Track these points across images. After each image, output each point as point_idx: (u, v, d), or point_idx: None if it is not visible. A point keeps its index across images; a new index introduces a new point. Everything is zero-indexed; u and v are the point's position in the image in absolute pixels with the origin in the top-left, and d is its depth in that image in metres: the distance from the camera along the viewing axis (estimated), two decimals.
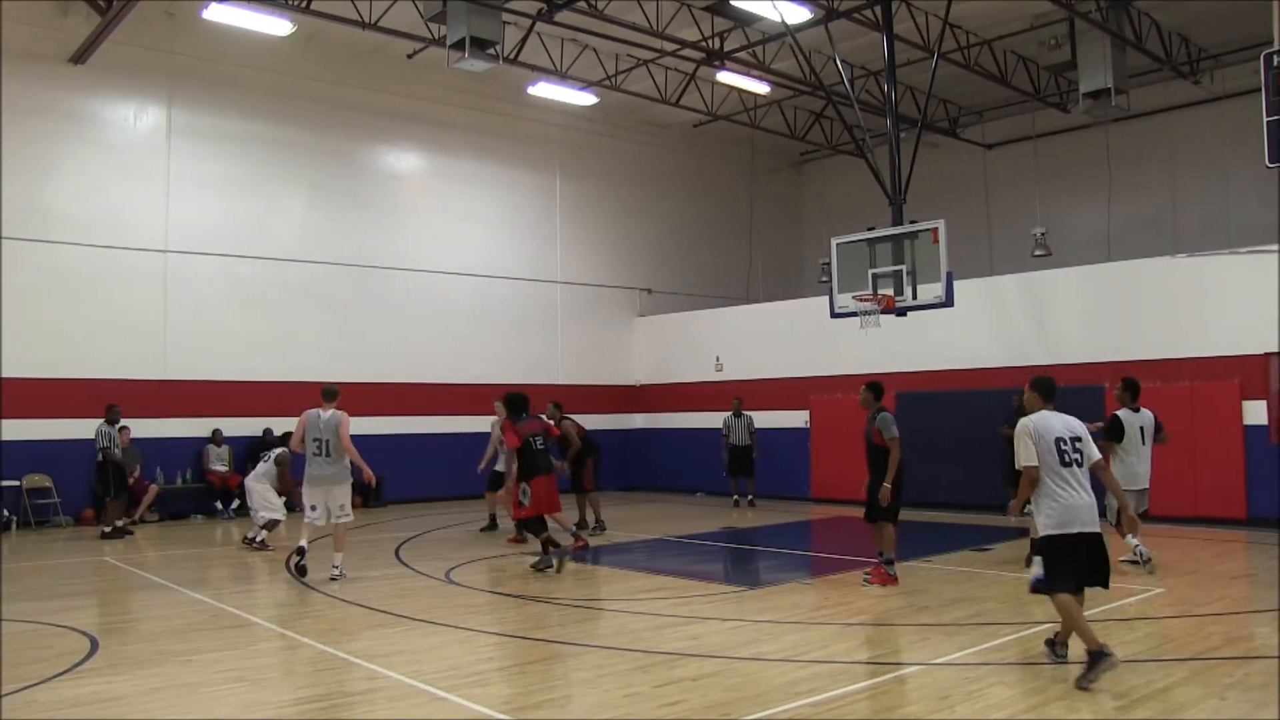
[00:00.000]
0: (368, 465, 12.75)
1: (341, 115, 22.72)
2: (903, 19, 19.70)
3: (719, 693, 7.25)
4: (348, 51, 22.04)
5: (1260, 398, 17.01)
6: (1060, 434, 7.69)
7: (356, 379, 21.11)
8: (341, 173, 22.77)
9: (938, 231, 16.69)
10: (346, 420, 12.53)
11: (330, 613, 10.59)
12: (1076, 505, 7.57)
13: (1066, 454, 7.64)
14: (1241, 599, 11.10)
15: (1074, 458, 7.65)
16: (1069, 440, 7.68)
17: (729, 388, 23.89)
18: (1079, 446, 7.69)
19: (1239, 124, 20.03)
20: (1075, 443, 7.69)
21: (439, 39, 19.07)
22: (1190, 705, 6.77)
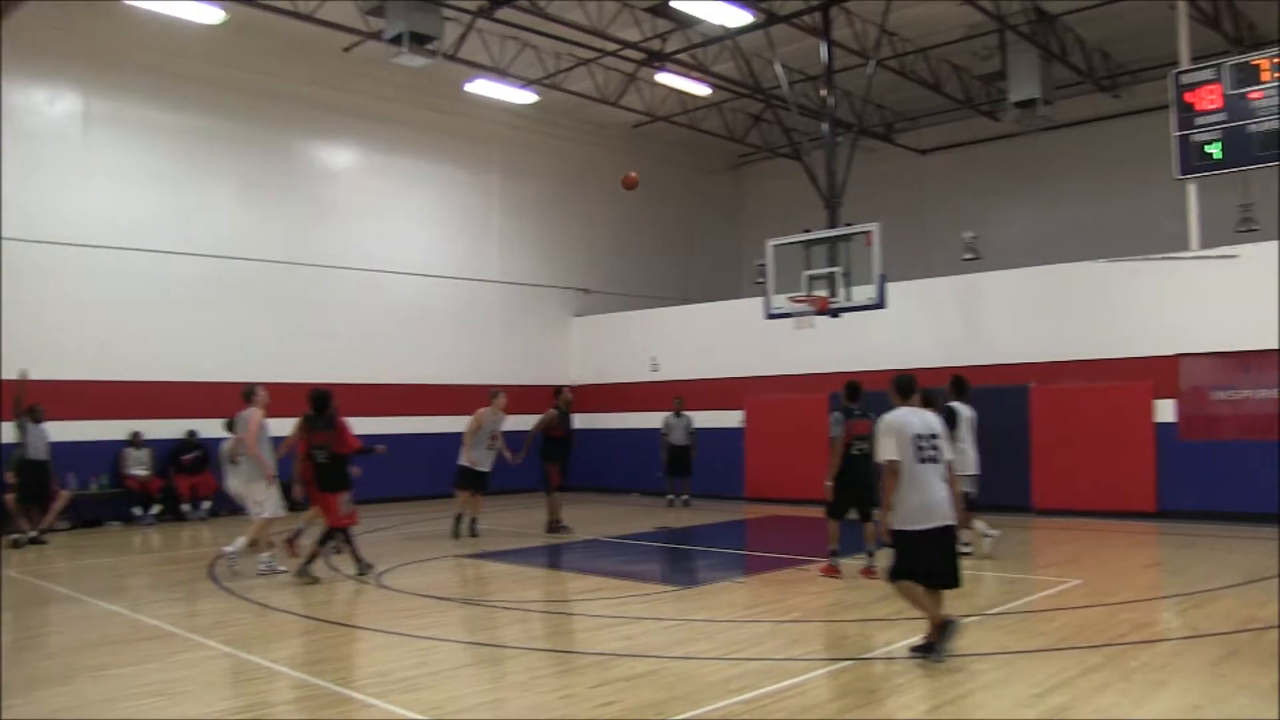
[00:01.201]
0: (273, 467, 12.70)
1: (276, 108, 22.19)
2: (841, 25, 20.13)
3: (653, 692, 7.38)
4: (283, 43, 21.36)
5: (1171, 397, 17.68)
6: (919, 431, 8.08)
7: (288, 379, 20.58)
8: (275, 168, 22.26)
9: (872, 235, 17.08)
10: (255, 420, 12.47)
11: (256, 620, 10.29)
12: (934, 501, 8.00)
13: (924, 450, 8.03)
14: (1151, 587, 11.66)
15: (931, 454, 8.05)
16: (926, 437, 8.07)
17: (665, 388, 24.16)
18: (935, 444, 8.10)
19: (1155, 137, 20.65)
20: (932, 440, 8.09)
21: (377, 33, 18.89)
22: (1100, 690, 7.19)
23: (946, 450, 8.20)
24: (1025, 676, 7.57)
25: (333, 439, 12.42)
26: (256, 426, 12.56)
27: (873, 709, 7.01)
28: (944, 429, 8.39)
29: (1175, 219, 18.74)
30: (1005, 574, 12.46)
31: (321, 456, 12.39)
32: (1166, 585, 11.88)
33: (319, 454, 12.41)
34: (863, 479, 12.09)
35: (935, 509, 8.01)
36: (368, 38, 19.84)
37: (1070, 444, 18.39)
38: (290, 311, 22.14)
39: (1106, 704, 6.88)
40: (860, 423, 12.17)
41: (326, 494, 12.34)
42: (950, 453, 8.27)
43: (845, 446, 12.17)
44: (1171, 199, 19.20)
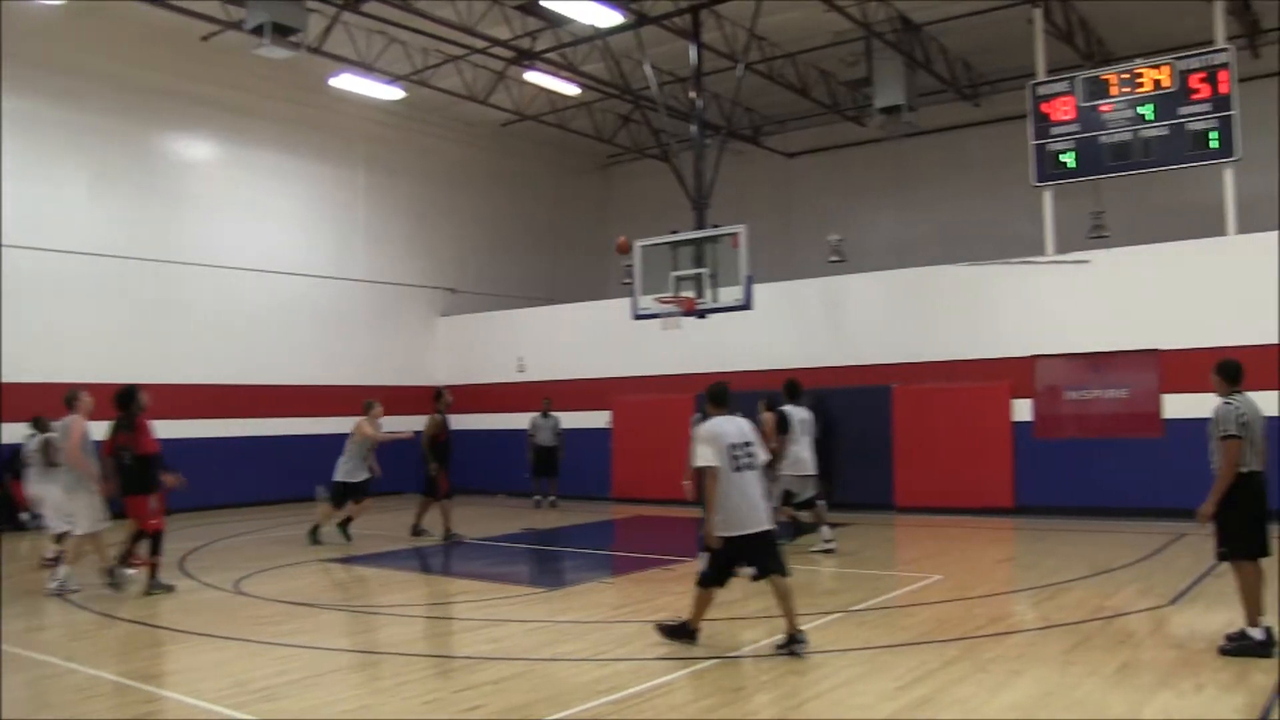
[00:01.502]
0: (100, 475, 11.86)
1: (131, 98, 21.24)
2: (711, 28, 20.28)
3: (520, 695, 7.35)
4: (136, 29, 20.47)
5: (1027, 396, 18.22)
6: (734, 439, 8.30)
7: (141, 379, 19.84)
8: (131, 160, 21.31)
9: (738, 236, 17.24)
10: (77, 428, 11.70)
11: (103, 633, 9.87)
12: (750, 508, 8.24)
13: (740, 458, 8.26)
14: (1006, 581, 12.01)
15: (746, 461, 8.28)
16: (741, 445, 8.29)
17: (532, 388, 24.07)
18: (750, 450, 8.32)
19: (1013, 145, 21.31)
20: (747, 447, 8.32)
21: (238, 23, 18.27)
22: (959, 681, 7.38)
23: (762, 455, 8.44)
24: (887, 671, 7.72)
25: (133, 440, 11.81)
26: (79, 435, 11.75)
27: (739, 707, 7.07)
28: (757, 434, 8.62)
29: (1032, 224, 19.32)
30: (868, 571, 12.70)
31: (126, 458, 11.79)
32: (1021, 579, 12.24)
33: (124, 455, 11.80)
34: None
35: (755, 514, 8.26)
36: (228, 27, 19.21)
37: (931, 443, 18.81)
38: (146, 310, 21.24)
39: (965, 694, 7.06)
40: None
41: (133, 497, 11.83)
42: (765, 456, 8.51)
43: None
44: (1028, 205, 19.79)
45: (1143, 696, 6.91)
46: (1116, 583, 11.23)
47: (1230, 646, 7.91)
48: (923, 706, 6.82)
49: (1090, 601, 10.20)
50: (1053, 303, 18.07)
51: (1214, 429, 8.04)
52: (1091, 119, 18.29)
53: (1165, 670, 7.52)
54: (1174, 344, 16.80)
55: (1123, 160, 18.05)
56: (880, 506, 18.89)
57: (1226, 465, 7.90)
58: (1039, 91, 18.82)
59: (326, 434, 23.85)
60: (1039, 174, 18.74)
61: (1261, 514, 8.04)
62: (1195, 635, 8.59)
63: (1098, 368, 17.69)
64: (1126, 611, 9.70)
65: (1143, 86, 17.79)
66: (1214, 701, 6.79)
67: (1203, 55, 17.40)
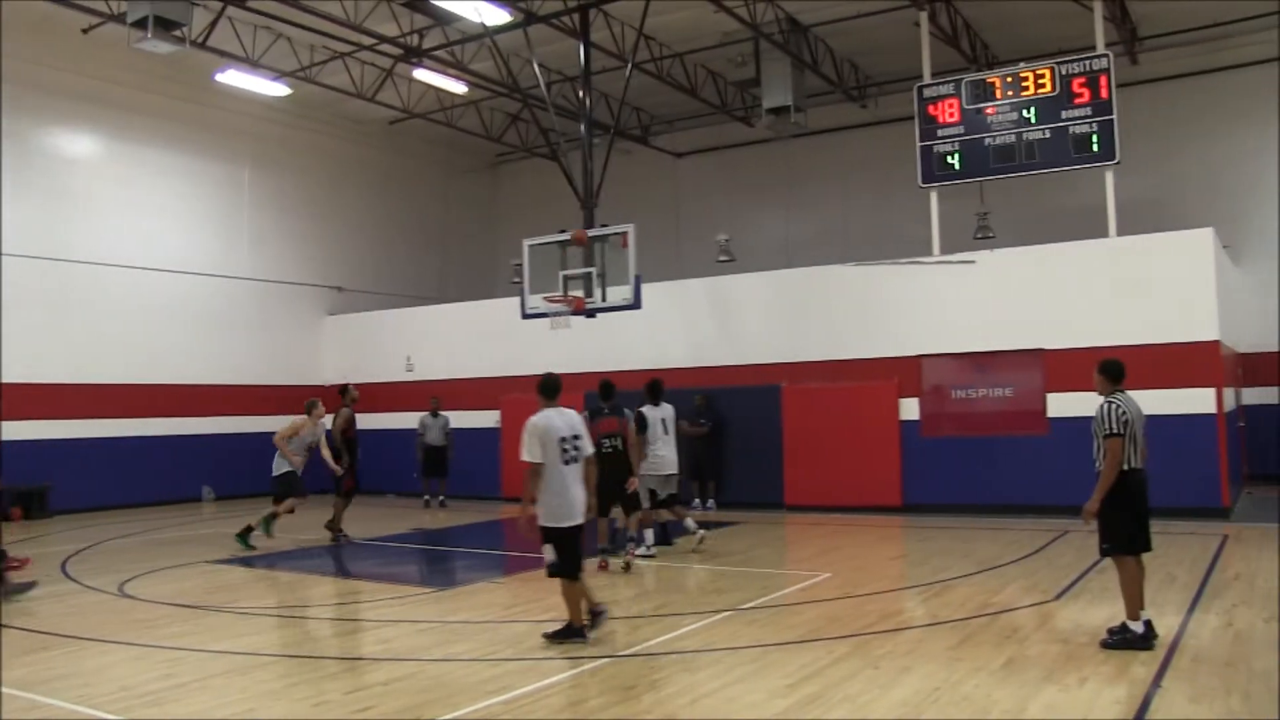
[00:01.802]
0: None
1: (8, 92, 20.47)
2: (600, 28, 20.19)
3: (410, 696, 7.27)
4: (9, 19, 19.71)
5: (914, 396, 18.43)
6: (564, 433, 8.51)
7: (21, 379, 19.68)
8: (9, 155, 20.58)
9: (627, 236, 17.20)
10: None
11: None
12: (575, 499, 8.50)
13: (568, 451, 8.49)
14: (896, 578, 12.09)
15: (573, 455, 8.50)
16: (569, 439, 8.50)
17: (421, 388, 23.81)
18: (577, 444, 8.56)
19: (899, 146, 21.59)
20: (575, 440, 8.55)
21: (120, 15, 17.78)
22: (849, 678, 7.38)
23: (587, 448, 8.65)
24: (778, 668, 7.72)
25: None
26: None
27: (630, 705, 6.99)
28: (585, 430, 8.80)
29: (918, 225, 19.55)
30: (757, 569, 12.71)
31: None
32: (910, 576, 12.36)
33: None
34: (614, 474, 12.31)
35: (575, 507, 8.49)
36: (110, 20, 18.69)
37: (820, 442, 18.92)
38: (27, 308, 20.53)
39: (855, 691, 7.07)
40: (607, 421, 12.61)
41: None
42: (590, 449, 8.70)
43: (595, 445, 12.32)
44: (915, 206, 20.02)
45: (1029, 691, 6.98)
46: (1002, 579, 11.38)
47: (1112, 640, 8.04)
48: (813, 704, 6.81)
49: (977, 598, 10.31)
50: (939, 303, 18.28)
51: (1097, 428, 8.17)
52: (976, 121, 18.57)
53: (1050, 665, 7.61)
54: (1058, 344, 17.10)
55: (1007, 162, 18.35)
56: (770, 505, 18.97)
57: (1110, 463, 8.03)
58: (925, 94, 19.06)
59: (213, 434, 23.59)
60: (925, 175, 18.97)
61: (1142, 511, 8.18)
62: (1079, 630, 8.73)
63: (983, 367, 17.95)
64: (1012, 607, 9.82)
65: (1026, 90, 18.10)
66: (1097, 694, 6.88)
67: (1083, 60, 17.75)
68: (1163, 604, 9.48)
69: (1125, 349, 14.58)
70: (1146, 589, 8.41)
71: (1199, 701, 6.66)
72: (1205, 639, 8.30)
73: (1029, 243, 18.68)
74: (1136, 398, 8.38)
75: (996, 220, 22.39)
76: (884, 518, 17.70)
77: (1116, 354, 9.07)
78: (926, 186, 18.99)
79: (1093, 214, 18.23)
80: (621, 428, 12.64)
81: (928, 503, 17.95)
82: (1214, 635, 8.43)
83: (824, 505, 18.56)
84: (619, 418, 12.73)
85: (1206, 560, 12.17)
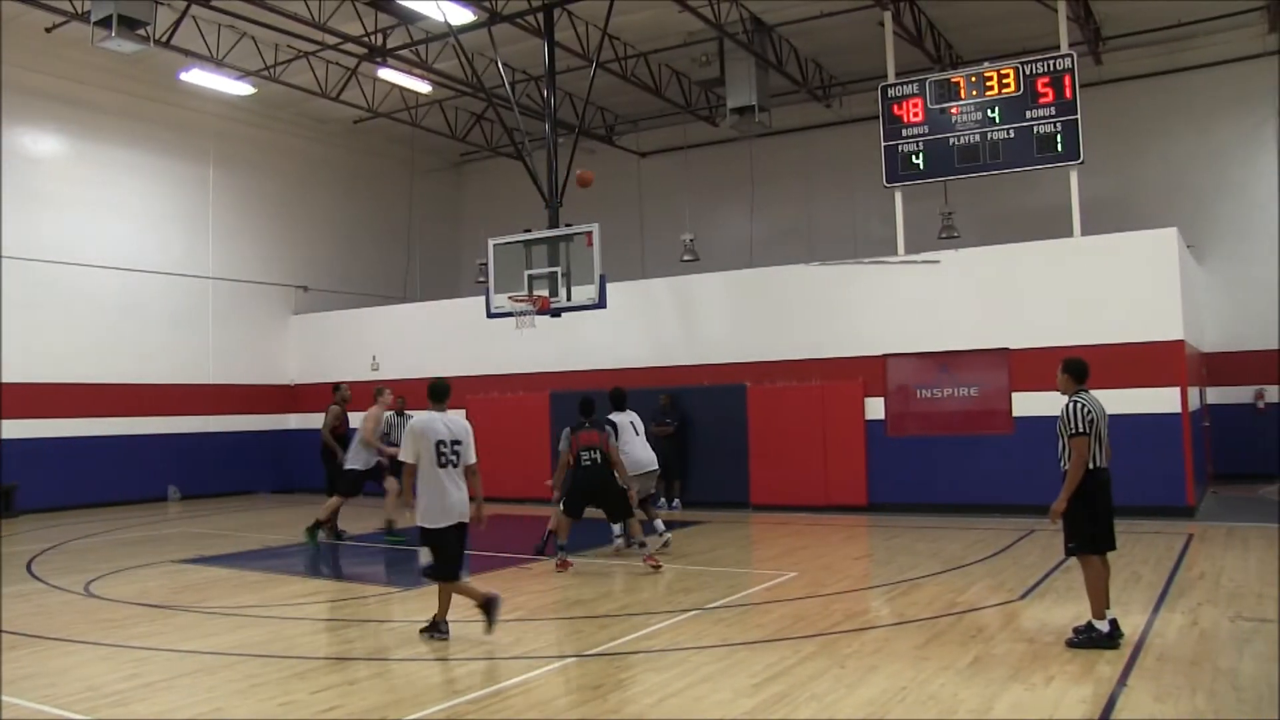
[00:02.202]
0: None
1: None
2: (564, 27, 20.13)
3: (377, 695, 7.25)
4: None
5: (880, 395, 18.45)
6: (442, 437, 8.67)
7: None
8: None
9: (592, 235, 17.13)
10: None
11: None
12: (451, 502, 8.63)
13: (445, 455, 8.64)
14: (862, 577, 12.06)
15: (450, 459, 8.65)
16: (449, 443, 8.66)
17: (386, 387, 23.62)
18: (457, 449, 8.70)
19: (864, 145, 21.65)
20: (455, 445, 8.69)
21: (83, 14, 17.75)
22: (816, 677, 7.36)
23: (469, 455, 8.77)
24: (744, 667, 7.69)
25: None
26: None
27: (596, 705, 6.94)
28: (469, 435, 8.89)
29: (883, 224, 19.59)
30: (723, 569, 12.68)
31: None
32: (876, 575, 12.34)
33: None
34: (594, 483, 12.63)
35: (450, 509, 8.63)
36: (73, 18, 18.57)
37: (785, 441, 18.92)
38: None
39: (821, 690, 7.05)
40: (587, 434, 12.80)
41: None
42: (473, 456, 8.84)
43: (575, 457, 12.78)
44: (880, 205, 20.07)
45: (995, 690, 6.97)
46: (968, 578, 11.40)
47: (1078, 639, 8.05)
48: (780, 703, 6.79)
49: (943, 597, 10.32)
50: (904, 302, 18.31)
51: (1062, 427, 8.17)
52: (941, 121, 18.61)
53: (1016, 664, 7.61)
54: (1023, 343, 17.16)
55: (971, 162, 18.40)
56: (735, 504, 18.97)
57: (1076, 462, 8.03)
58: (889, 93, 19.08)
59: (179, 433, 23.43)
60: (890, 175, 18.99)
61: (1107, 510, 8.19)
62: (1045, 629, 8.74)
63: (949, 367, 17.99)
64: (978, 606, 9.83)
65: (990, 90, 18.15)
66: (1063, 693, 6.88)
67: (1047, 60, 17.81)
68: (1128, 603, 9.51)
69: (1090, 348, 14.67)
70: (1112, 588, 8.43)
71: (1164, 700, 6.67)
72: (1170, 638, 8.32)
73: (993, 242, 18.77)
74: (1101, 397, 8.40)
75: (961, 220, 22.48)
76: (850, 517, 17.71)
77: (1081, 353, 9.09)
78: (891, 186, 19.01)
79: (1057, 213, 18.34)
80: (601, 441, 12.73)
81: (893, 502, 17.98)
82: (1179, 634, 8.45)
83: (789, 505, 18.56)
84: (599, 431, 12.83)
85: (1172, 559, 12.23)
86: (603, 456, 12.67)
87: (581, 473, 12.66)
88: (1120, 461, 8.75)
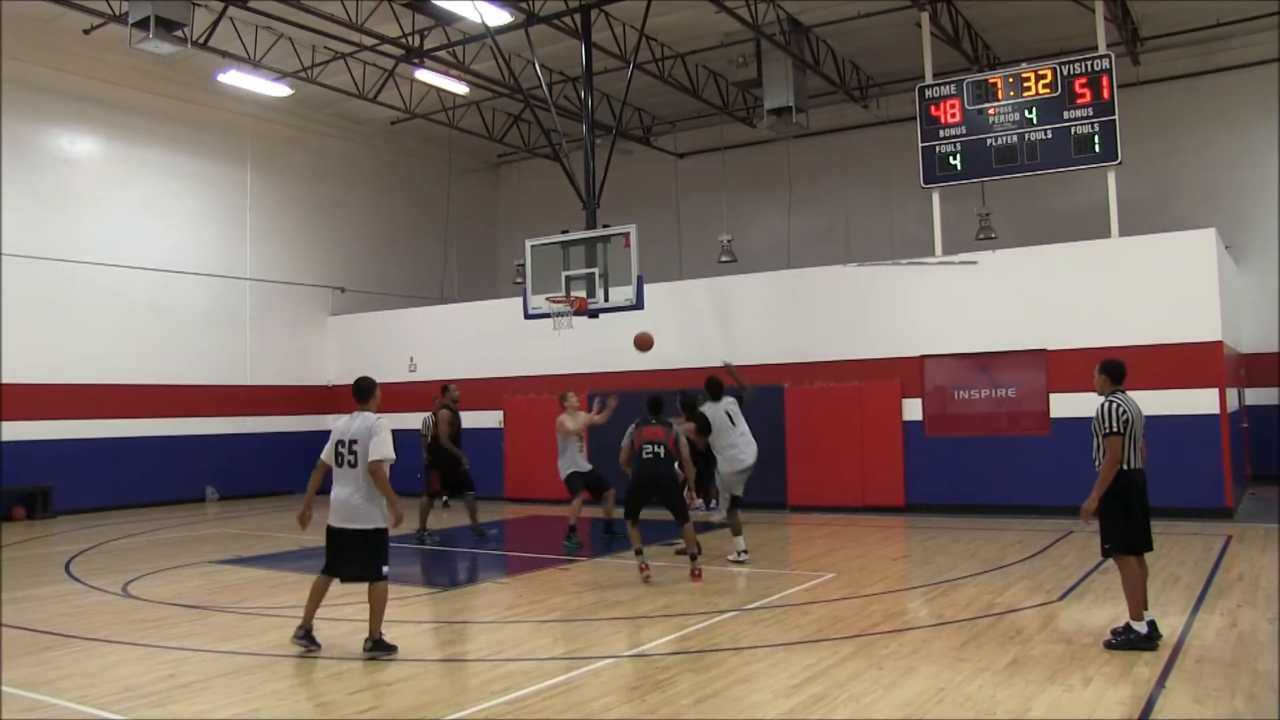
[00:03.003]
0: None
1: (10, 93, 20.54)
2: (601, 28, 20.21)
3: (414, 696, 7.28)
4: (11, 20, 19.93)
5: (917, 396, 18.43)
6: (340, 437, 8.76)
7: (26, 380, 19.77)
8: (12, 156, 20.60)
9: (629, 236, 17.22)
10: None
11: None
12: (337, 501, 8.68)
13: (341, 454, 8.71)
14: (899, 578, 12.06)
15: (347, 458, 8.68)
16: (346, 443, 8.71)
17: (424, 388, 23.77)
18: (354, 449, 8.69)
19: (902, 146, 21.61)
20: (351, 445, 8.70)
21: (121, 16, 17.88)
22: (854, 678, 7.39)
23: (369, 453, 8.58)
24: (783, 668, 7.73)
25: None
26: None
27: (635, 706, 6.98)
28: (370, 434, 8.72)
29: (920, 225, 19.56)
30: (762, 570, 12.70)
31: None
32: (913, 576, 12.35)
33: None
34: (654, 476, 12.19)
35: (336, 509, 8.68)
36: (111, 20, 18.76)
37: (823, 442, 18.92)
38: (30, 309, 20.59)
39: (859, 691, 7.08)
40: (652, 429, 12.37)
41: None
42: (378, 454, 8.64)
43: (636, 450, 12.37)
44: (916, 206, 20.03)
45: (1033, 691, 6.98)
46: (1006, 579, 11.39)
47: (1116, 640, 8.05)
48: (818, 704, 6.81)
49: (981, 598, 10.32)
50: (942, 303, 18.29)
51: (1097, 427, 8.17)
52: (978, 122, 18.57)
53: (1054, 665, 7.62)
54: (1061, 344, 17.10)
55: (1009, 163, 18.35)
56: (772, 505, 18.96)
57: (1109, 462, 8.03)
58: (927, 94, 19.05)
59: (216, 434, 23.65)
60: (927, 175, 18.97)
61: (1143, 511, 8.18)
62: (1083, 630, 8.74)
63: (986, 367, 17.95)
64: (1016, 608, 9.82)
65: (1028, 90, 18.10)
66: (1101, 695, 6.88)
67: (1085, 60, 17.75)
68: (1166, 604, 9.50)
69: (1128, 349, 14.63)
70: (1150, 589, 8.42)
71: (1203, 702, 6.67)
72: (1209, 640, 8.30)
73: (1031, 243, 18.70)
74: (1139, 399, 8.40)
75: (998, 221, 22.39)
76: (887, 518, 17.71)
77: (1119, 354, 9.09)
78: (928, 187, 18.99)
79: (1094, 214, 18.25)
80: (666, 437, 12.39)
81: (931, 503, 17.96)
82: (1218, 636, 8.43)
83: (827, 506, 18.57)
84: (665, 428, 12.49)
85: (1210, 561, 12.17)
86: (666, 451, 12.47)
87: (641, 464, 12.37)
88: (1158, 463, 8.75)
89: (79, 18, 19.32)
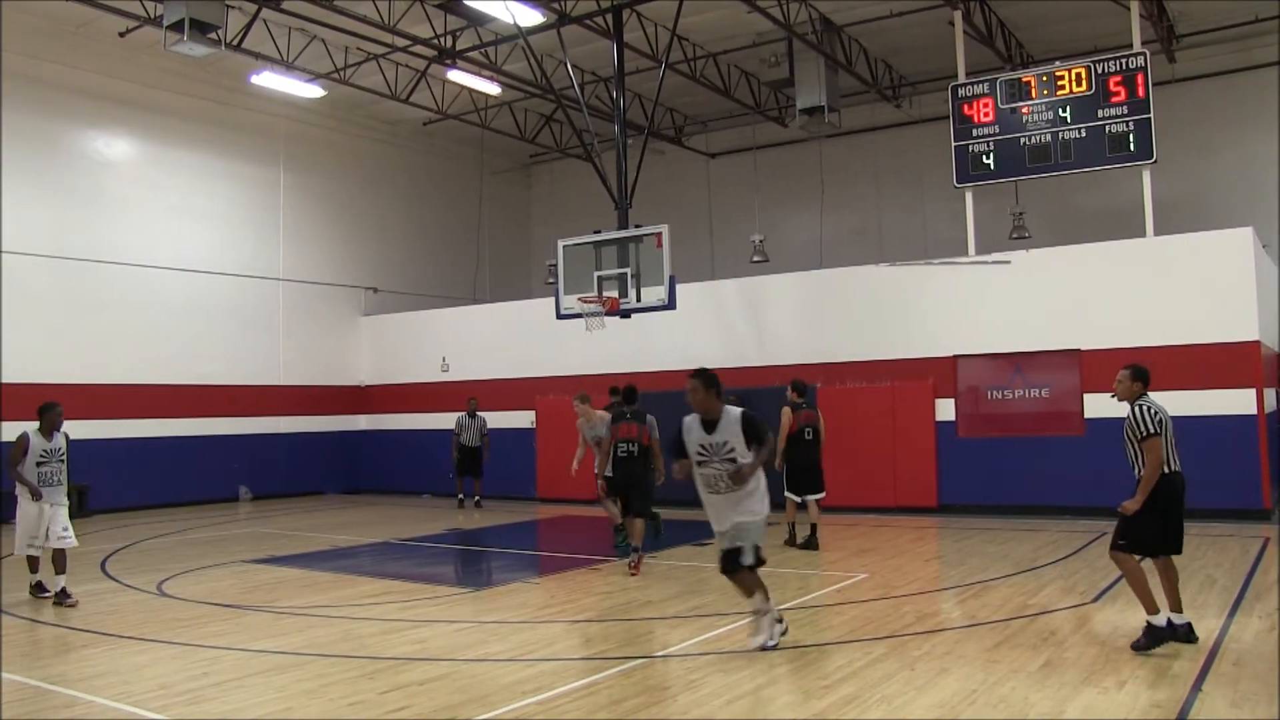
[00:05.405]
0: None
1: (44, 94, 20.73)
2: (633, 28, 20.22)
3: (446, 695, 7.28)
4: (48, 24, 20.26)
5: (950, 396, 18.35)
6: None
7: (63, 380, 19.88)
8: (43, 157, 20.78)
9: (661, 236, 17.21)
10: None
11: (23, 636, 9.69)
12: None
13: None
14: (932, 579, 12.02)
15: None
16: None
17: (456, 388, 23.89)
18: None
19: (934, 146, 21.54)
20: None
21: (155, 18, 18.01)
22: (886, 679, 7.37)
23: None
24: (815, 669, 7.72)
25: None
26: None
27: (665, 706, 6.99)
28: None
29: (953, 225, 19.47)
30: (793, 570, 12.68)
31: None
32: (946, 577, 12.29)
33: None
34: (628, 480, 12.66)
35: None
36: (145, 23, 18.96)
37: (855, 442, 18.83)
38: (66, 310, 20.83)
39: (892, 692, 7.05)
40: (626, 425, 12.78)
41: None
42: None
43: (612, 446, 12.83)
44: (950, 206, 19.95)
45: (1067, 693, 6.94)
46: (1040, 581, 11.33)
47: (1143, 641, 7.93)
48: (850, 705, 6.80)
49: (1014, 599, 10.27)
50: (975, 303, 18.21)
51: (1132, 431, 8.06)
52: (1011, 121, 18.47)
53: (1088, 667, 7.57)
54: (1095, 344, 16.99)
55: (1043, 162, 18.25)
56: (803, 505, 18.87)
57: (1153, 463, 7.90)
58: (960, 93, 18.98)
59: (249, 434, 23.80)
60: (960, 175, 18.89)
61: (1177, 514, 8.07)
62: (1117, 632, 8.66)
63: (1020, 367, 17.85)
64: (1050, 609, 9.77)
65: (1062, 89, 18.00)
66: (1136, 697, 6.83)
67: (1120, 58, 17.63)
68: (1203, 607, 9.41)
69: (1163, 349, 14.54)
70: (1186, 592, 8.35)
71: (1240, 706, 6.61)
72: (1247, 642, 8.22)
73: (1065, 242, 18.59)
74: (1174, 399, 8.34)
75: (1032, 220, 22.25)
76: (919, 518, 17.66)
77: (1155, 354, 9.08)
78: (961, 186, 18.92)
79: (1129, 213, 18.13)
80: (640, 434, 12.68)
81: (963, 503, 17.89)
82: (1256, 639, 8.35)
83: (859, 506, 18.50)
84: (639, 424, 12.79)
85: (1247, 563, 12.06)
86: (640, 448, 12.59)
87: (617, 464, 12.59)
88: (1194, 464, 8.66)
89: (114, 21, 19.56)
